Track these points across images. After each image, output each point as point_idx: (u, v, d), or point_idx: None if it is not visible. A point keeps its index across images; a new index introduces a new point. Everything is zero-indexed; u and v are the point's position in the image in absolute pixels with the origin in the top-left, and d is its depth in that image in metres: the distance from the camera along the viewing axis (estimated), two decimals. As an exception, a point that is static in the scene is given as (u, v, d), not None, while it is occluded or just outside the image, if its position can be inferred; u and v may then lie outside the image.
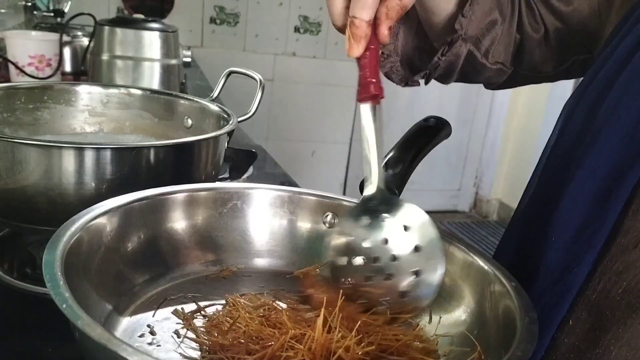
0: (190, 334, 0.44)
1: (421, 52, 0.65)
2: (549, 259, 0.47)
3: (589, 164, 0.46)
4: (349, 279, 0.48)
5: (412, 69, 0.66)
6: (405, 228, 0.47)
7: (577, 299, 0.45)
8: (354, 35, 0.44)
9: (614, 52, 0.49)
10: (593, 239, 0.44)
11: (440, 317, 0.49)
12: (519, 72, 0.66)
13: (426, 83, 0.67)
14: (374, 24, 0.45)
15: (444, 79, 0.66)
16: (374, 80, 0.45)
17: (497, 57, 0.63)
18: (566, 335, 0.45)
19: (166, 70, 1.15)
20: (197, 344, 0.42)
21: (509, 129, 3.22)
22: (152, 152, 0.55)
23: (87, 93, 0.76)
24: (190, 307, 0.48)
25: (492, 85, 0.70)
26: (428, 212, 0.48)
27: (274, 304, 0.47)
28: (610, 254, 0.43)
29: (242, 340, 0.41)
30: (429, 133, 0.63)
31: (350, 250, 0.48)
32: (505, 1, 0.61)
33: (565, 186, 0.47)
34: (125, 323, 0.44)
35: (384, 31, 0.45)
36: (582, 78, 0.56)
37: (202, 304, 0.48)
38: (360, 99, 0.46)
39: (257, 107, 0.72)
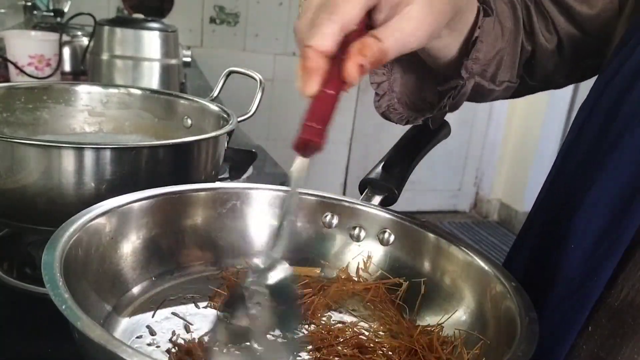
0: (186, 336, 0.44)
1: (414, 93, 0.60)
2: (567, 266, 0.46)
3: (610, 168, 0.44)
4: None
5: (412, 107, 0.60)
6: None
7: (597, 306, 0.44)
8: (305, 69, 0.36)
9: (631, 54, 0.47)
10: (614, 246, 0.43)
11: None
12: (529, 83, 0.64)
13: (433, 127, 0.62)
14: (343, 59, 0.37)
15: (450, 110, 0.61)
16: (317, 126, 0.36)
17: (504, 77, 0.61)
18: (585, 341, 0.44)
19: (166, 70, 1.15)
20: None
21: (509, 129, 3.22)
22: (151, 152, 0.55)
23: (86, 93, 0.76)
24: (190, 307, 0.48)
25: (502, 98, 0.67)
26: (428, 212, 0.48)
27: None
28: (633, 261, 0.42)
29: None
30: (428, 133, 0.63)
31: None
32: (507, 22, 0.58)
33: (584, 191, 0.46)
34: (124, 323, 0.44)
35: (350, 67, 0.37)
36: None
37: (201, 304, 0.48)
38: (294, 145, 0.38)
39: (257, 107, 0.72)
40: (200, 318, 0.46)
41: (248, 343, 0.39)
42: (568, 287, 0.45)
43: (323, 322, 0.48)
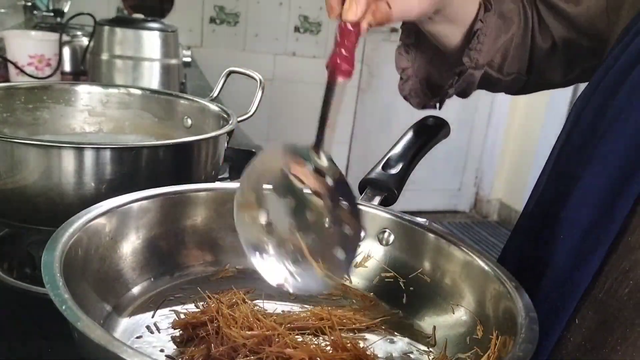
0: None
1: (434, 79, 0.66)
2: (557, 257, 0.47)
3: (598, 162, 0.45)
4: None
5: (428, 93, 0.67)
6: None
7: (583, 298, 0.44)
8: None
9: (624, 51, 0.48)
10: (601, 238, 0.44)
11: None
12: (530, 79, 0.66)
13: (439, 108, 0.68)
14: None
15: (461, 96, 0.67)
16: (345, 54, 0.44)
17: (512, 68, 0.64)
18: (572, 334, 0.45)
19: (166, 70, 1.15)
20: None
21: (509, 129, 3.22)
22: (151, 152, 0.55)
23: (86, 93, 0.76)
24: (190, 307, 0.47)
25: (510, 92, 0.70)
26: (428, 212, 0.48)
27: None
28: (617, 253, 0.43)
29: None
30: (428, 133, 0.64)
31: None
32: (515, 18, 0.62)
33: (574, 184, 0.47)
34: (124, 324, 0.44)
35: (363, 24, 0.45)
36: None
37: (201, 304, 0.48)
38: (329, 65, 0.44)
39: (257, 107, 0.72)
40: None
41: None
42: (556, 278, 0.46)
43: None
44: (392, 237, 0.54)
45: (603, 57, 0.58)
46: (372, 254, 0.54)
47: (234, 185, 0.62)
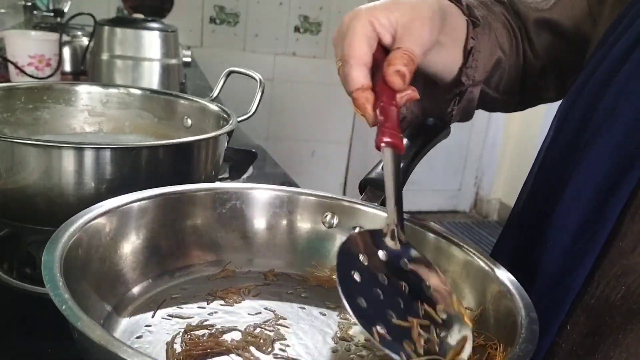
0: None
1: (431, 111, 0.65)
2: (547, 262, 0.46)
3: (587, 165, 0.45)
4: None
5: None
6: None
7: (575, 303, 0.44)
8: (357, 107, 0.46)
9: (609, 51, 0.48)
10: (592, 242, 0.43)
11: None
12: (525, 97, 0.67)
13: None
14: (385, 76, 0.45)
15: (463, 119, 0.66)
16: (392, 130, 0.44)
17: (507, 89, 0.64)
18: (563, 340, 0.45)
19: (166, 70, 1.15)
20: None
21: (509, 129, 3.22)
22: (151, 152, 0.55)
23: (86, 93, 0.76)
24: (189, 307, 0.47)
25: (506, 110, 0.71)
26: (428, 212, 0.48)
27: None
28: (609, 258, 0.43)
29: None
30: (428, 133, 0.63)
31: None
32: (504, 39, 0.62)
33: (562, 188, 0.46)
34: (124, 324, 0.44)
35: (390, 77, 0.44)
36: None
37: (201, 304, 0.48)
38: (379, 142, 0.44)
39: (257, 107, 0.72)
40: (201, 318, 0.46)
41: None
42: (547, 283, 0.46)
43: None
44: (392, 237, 0.54)
45: (587, 55, 0.58)
46: (372, 254, 0.54)
47: (233, 185, 0.62)
